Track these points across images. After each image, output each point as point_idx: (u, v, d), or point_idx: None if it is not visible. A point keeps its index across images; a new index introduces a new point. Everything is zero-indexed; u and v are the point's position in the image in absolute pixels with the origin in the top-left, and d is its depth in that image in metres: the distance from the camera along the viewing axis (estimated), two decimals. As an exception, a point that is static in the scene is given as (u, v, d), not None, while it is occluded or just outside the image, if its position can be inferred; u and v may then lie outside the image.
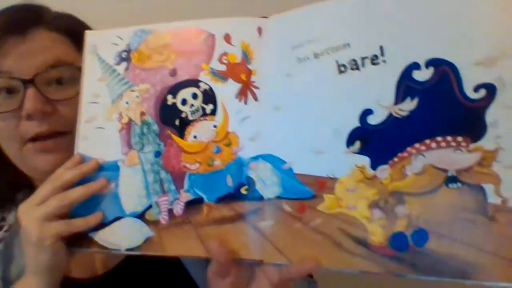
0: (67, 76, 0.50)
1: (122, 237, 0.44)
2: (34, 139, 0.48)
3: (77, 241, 0.44)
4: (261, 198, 0.42)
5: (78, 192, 0.43)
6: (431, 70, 0.34)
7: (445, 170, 0.33)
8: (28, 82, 0.46)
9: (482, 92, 0.33)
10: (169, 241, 0.43)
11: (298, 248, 0.39)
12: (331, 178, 0.38)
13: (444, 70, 0.34)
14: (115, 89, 0.49)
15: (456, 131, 0.33)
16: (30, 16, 0.50)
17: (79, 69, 0.49)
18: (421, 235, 0.34)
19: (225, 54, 0.45)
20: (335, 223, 0.38)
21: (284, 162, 0.41)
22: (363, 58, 0.37)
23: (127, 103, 0.48)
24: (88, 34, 0.49)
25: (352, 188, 0.37)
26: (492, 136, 0.32)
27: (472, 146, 0.33)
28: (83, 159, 0.46)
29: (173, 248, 0.43)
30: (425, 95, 0.34)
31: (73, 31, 0.52)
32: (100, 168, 0.46)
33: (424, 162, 0.34)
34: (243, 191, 0.43)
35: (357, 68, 0.37)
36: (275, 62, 0.42)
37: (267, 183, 0.42)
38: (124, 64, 0.48)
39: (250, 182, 0.43)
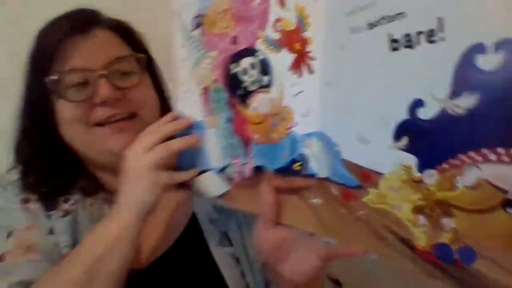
0: (128, 68, 0.54)
1: (209, 186, 0.51)
2: (101, 123, 0.53)
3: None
4: (313, 175, 0.41)
5: (179, 143, 0.47)
6: (501, 56, 0.24)
7: (504, 191, 0.26)
8: (100, 73, 0.51)
9: None
10: (239, 197, 0.49)
11: (344, 231, 0.38)
12: (375, 171, 0.34)
13: (520, 57, 0.23)
14: (192, 55, 0.51)
15: (528, 143, 0.24)
16: (89, 17, 0.55)
17: (136, 61, 0.55)
18: (468, 254, 0.28)
19: (279, 20, 0.41)
20: (380, 219, 0.35)
21: (335, 144, 0.38)
22: (418, 33, 0.28)
23: (202, 69, 0.50)
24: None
25: (397, 188, 0.32)
26: None
27: (548, 165, 0.24)
28: (178, 117, 0.51)
29: (241, 203, 0.49)
30: (490, 89, 0.25)
31: (122, 29, 0.57)
32: (191, 126, 0.50)
33: (479, 176, 0.26)
34: (296, 167, 0.42)
35: (411, 46, 0.29)
36: (328, 31, 0.37)
37: (320, 162, 0.40)
38: (199, 30, 0.49)
39: (304, 159, 0.41)
